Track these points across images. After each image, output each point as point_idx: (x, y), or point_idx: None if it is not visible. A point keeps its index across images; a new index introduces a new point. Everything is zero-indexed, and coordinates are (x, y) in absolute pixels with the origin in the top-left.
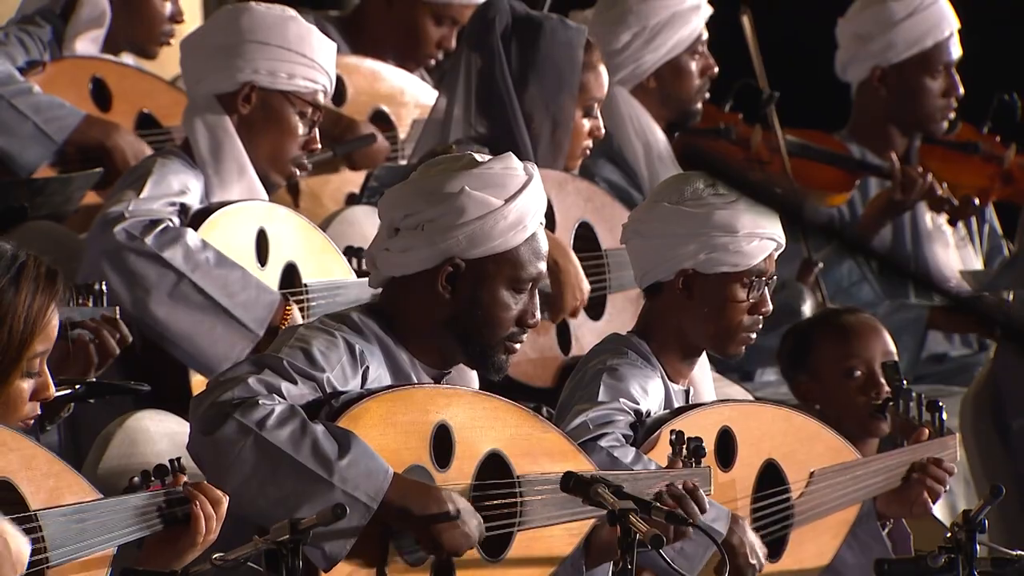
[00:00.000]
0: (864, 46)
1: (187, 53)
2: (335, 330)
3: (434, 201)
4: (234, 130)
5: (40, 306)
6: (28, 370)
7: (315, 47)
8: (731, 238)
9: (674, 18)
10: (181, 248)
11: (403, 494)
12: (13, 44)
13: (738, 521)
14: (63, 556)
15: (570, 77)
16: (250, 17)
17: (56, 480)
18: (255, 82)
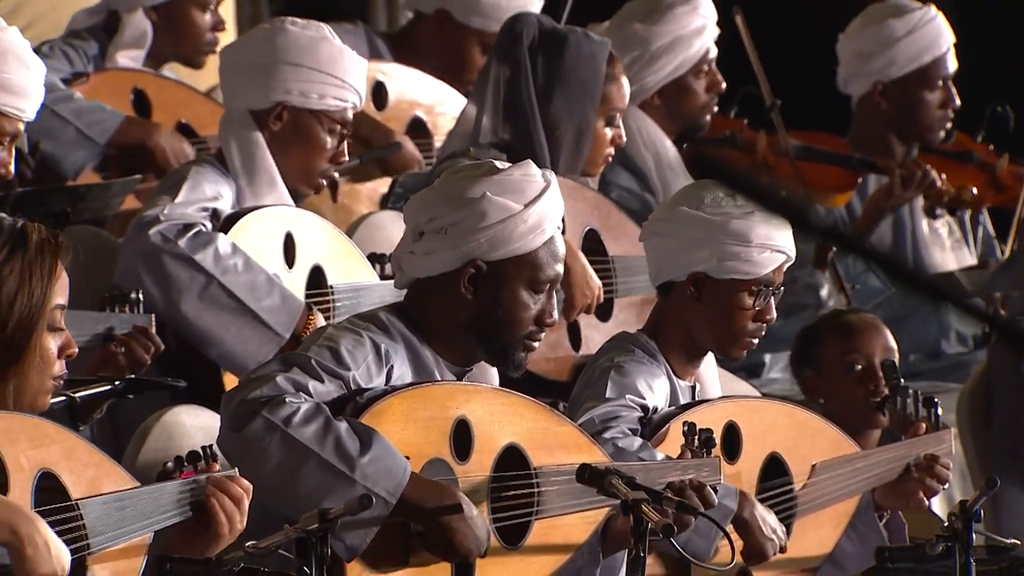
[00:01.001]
0: (866, 62)
1: (225, 66)
2: (363, 330)
3: (457, 206)
4: (265, 145)
5: (50, 262)
6: (51, 324)
7: (346, 67)
8: (744, 247)
9: (676, 42)
10: (212, 252)
11: (420, 492)
12: (58, 57)
13: (748, 497)
14: (102, 543)
15: (593, 88)
16: (285, 38)
17: (96, 470)
18: (287, 102)
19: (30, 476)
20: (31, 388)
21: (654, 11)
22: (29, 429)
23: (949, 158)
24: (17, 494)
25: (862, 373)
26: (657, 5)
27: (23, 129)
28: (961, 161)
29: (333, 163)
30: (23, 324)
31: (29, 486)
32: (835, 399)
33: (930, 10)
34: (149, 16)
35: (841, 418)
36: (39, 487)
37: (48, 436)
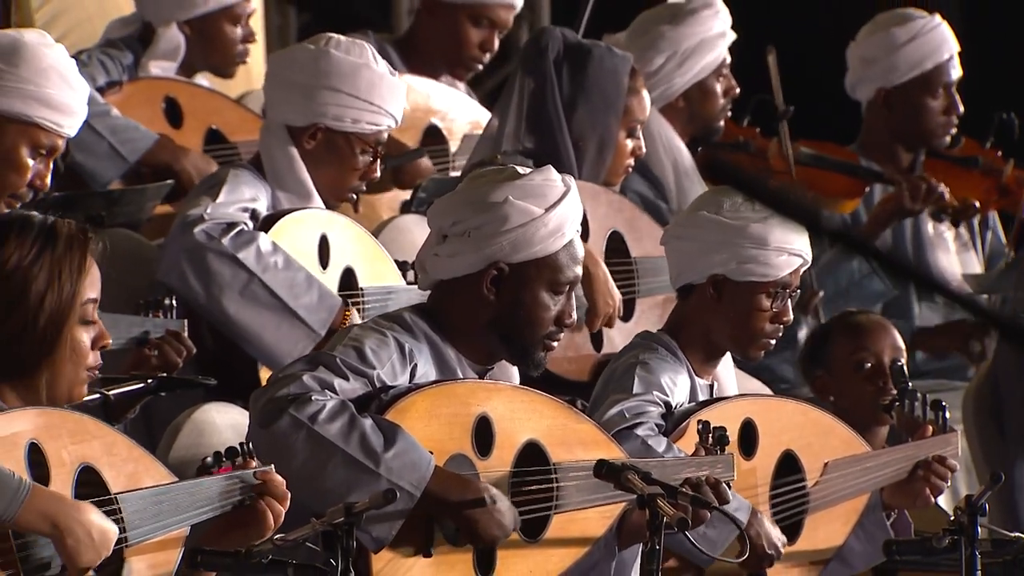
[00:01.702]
0: (870, 68)
1: (270, 76)
2: (387, 329)
3: (480, 210)
4: (300, 158)
5: (79, 259)
6: (83, 317)
7: (383, 93)
8: (762, 250)
9: (702, 44)
10: (254, 250)
11: (444, 484)
12: (95, 65)
13: (757, 514)
14: (141, 536)
15: (616, 101)
16: (328, 62)
17: (135, 465)
18: (322, 123)
19: (71, 470)
20: (65, 380)
21: (678, 14)
22: (70, 425)
23: (956, 163)
24: (58, 488)
25: (871, 372)
26: (680, 9)
27: (63, 145)
28: (967, 166)
29: (364, 180)
30: (54, 319)
31: (70, 480)
32: (845, 397)
33: (934, 19)
34: (182, 29)
35: (850, 415)
36: (79, 481)
37: (89, 431)
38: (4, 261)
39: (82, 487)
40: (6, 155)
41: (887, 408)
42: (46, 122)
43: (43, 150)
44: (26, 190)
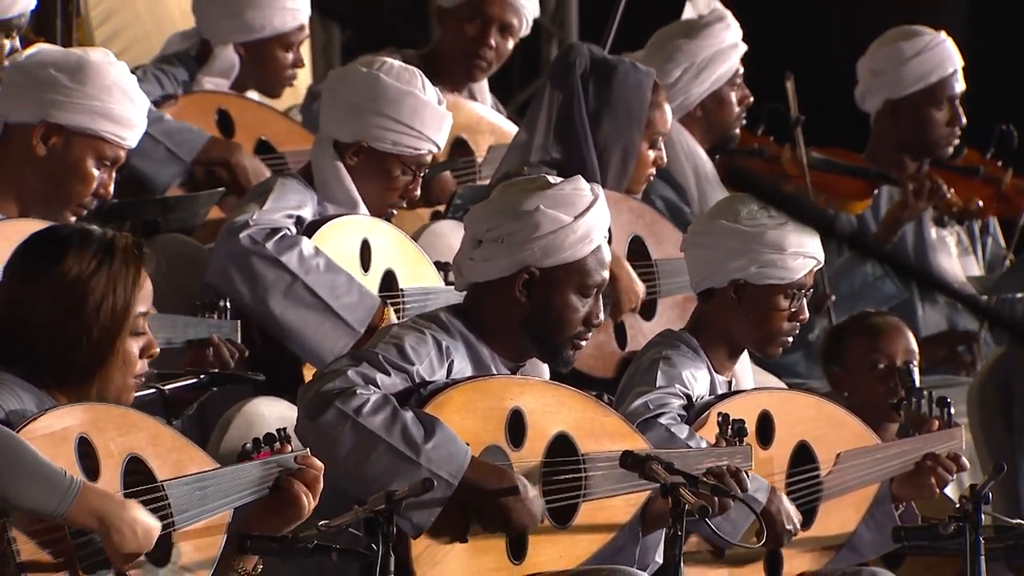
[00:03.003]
0: (878, 80)
1: (326, 91)
2: (425, 328)
3: (513, 217)
4: (346, 171)
5: (133, 274)
6: (134, 330)
7: (426, 120)
8: (779, 255)
9: (716, 55)
10: (297, 253)
11: (480, 474)
12: (150, 80)
13: (775, 492)
14: (186, 520)
15: (639, 114)
16: (377, 86)
17: (179, 454)
18: (365, 142)
19: (119, 461)
20: (114, 387)
21: (693, 29)
22: (116, 418)
23: (958, 172)
24: (107, 478)
25: (883, 372)
26: (695, 23)
27: (124, 156)
28: (969, 175)
29: (403, 199)
30: (108, 330)
31: (118, 470)
32: (858, 393)
33: (939, 35)
34: (238, 50)
35: (863, 411)
36: (127, 470)
37: (135, 424)
38: (64, 272)
39: (130, 476)
40: (73, 167)
41: (895, 406)
42: (110, 135)
43: (107, 161)
44: (91, 199)
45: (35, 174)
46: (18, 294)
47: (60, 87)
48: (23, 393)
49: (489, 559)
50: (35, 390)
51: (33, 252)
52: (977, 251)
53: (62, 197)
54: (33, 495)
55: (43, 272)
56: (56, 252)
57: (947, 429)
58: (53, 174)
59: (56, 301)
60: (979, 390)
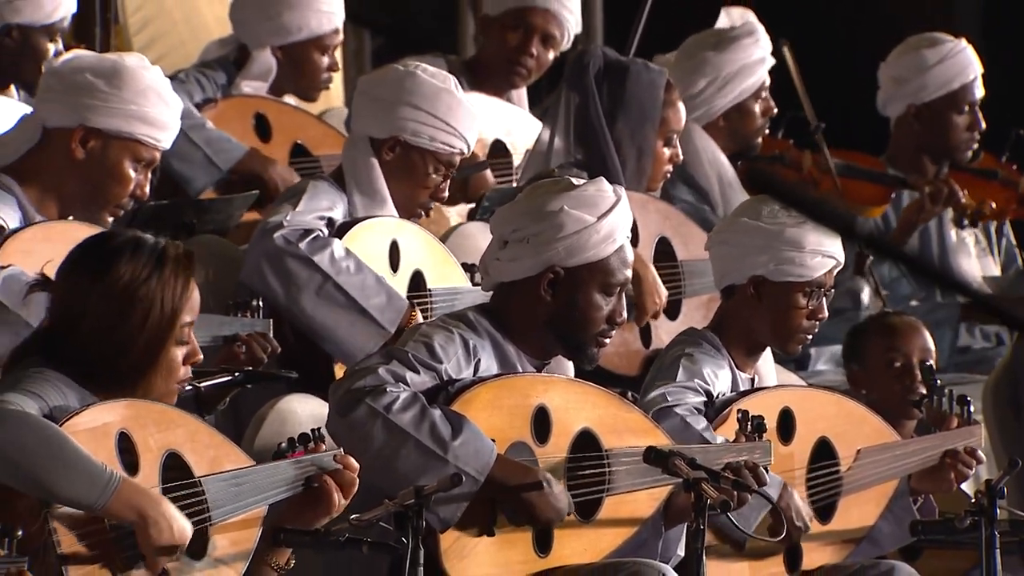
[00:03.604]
0: (901, 87)
1: (358, 94)
2: (453, 327)
3: (538, 218)
4: (379, 169)
5: (182, 283)
6: (179, 338)
7: (460, 118)
8: (797, 253)
9: (743, 69)
10: (329, 254)
11: (505, 470)
12: (192, 83)
13: (787, 488)
14: (223, 515)
15: (652, 112)
16: (412, 82)
17: (216, 451)
18: (401, 137)
19: (157, 456)
20: (156, 391)
21: (722, 41)
22: (156, 415)
23: (975, 175)
24: (146, 472)
25: (900, 370)
26: (724, 36)
27: (159, 158)
28: (986, 178)
29: (433, 199)
30: (154, 339)
31: (156, 465)
32: (875, 391)
33: (960, 42)
34: (275, 54)
35: (881, 409)
36: (166, 466)
37: (173, 421)
38: (116, 279)
39: (168, 471)
40: (111, 169)
41: (917, 403)
42: (147, 138)
43: (143, 163)
44: (128, 200)
45: (74, 177)
46: (69, 298)
47: (97, 92)
48: (68, 391)
49: (515, 552)
50: (80, 389)
51: (86, 257)
52: (995, 252)
53: (100, 198)
54: (74, 487)
55: (95, 278)
56: (108, 259)
57: (967, 427)
58: (91, 176)
59: (106, 307)
60: (993, 387)
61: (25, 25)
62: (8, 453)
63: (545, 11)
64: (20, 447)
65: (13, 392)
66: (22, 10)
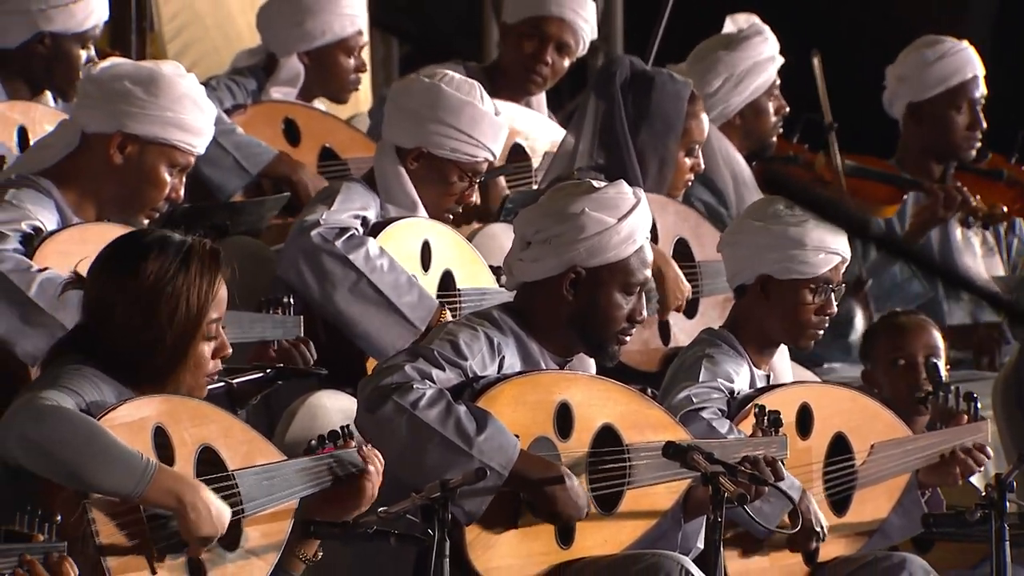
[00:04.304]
0: (902, 85)
1: (389, 101)
2: (478, 326)
3: (560, 220)
4: (407, 175)
5: (209, 280)
6: (208, 334)
7: (484, 130)
8: (800, 251)
9: (755, 67)
10: (364, 252)
11: (528, 465)
12: (222, 90)
13: (806, 494)
14: (255, 508)
15: (675, 124)
16: (438, 95)
17: (249, 446)
18: (424, 147)
19: (192, 450)
20: (186, 387)
21: (732, 41)
22: (191, 410)
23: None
24: (181, 466)
25: (904, 368)
26: (735, 36)
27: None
28: (992, 178)
29: (460, 204)
30: (182, 335)
31: (191, 459)
32: (885, 389)
33: (961, 43)
34: (302, 59)
35: (891, 406)
36: (200, 460)
37: (208, 416)
38: (145, 277)
39: (202, 465)
40: (147, 174)
41: (922, 400)
42: (182, 143)
43: (178, 168)
44: (163, 203)
45: (111, 181)
46: (100, 295)
47: (135, 99)
48: (103, 385)
49: (538, 544)
50: (115, 383)
51: (116, 255)
52: (1002, 252)
53: (137, 202)
54: (112, 477)
55: (124, 275)
56: (137, 256)
57: (974, 423)
58: (128, 181)
59: (135, 304)
60: (1003, 384)
61: (57, 33)
62: (47, 447)
63: (560, 20)
64: (58, 441)
65: (51, 389)
66: (54, 18)
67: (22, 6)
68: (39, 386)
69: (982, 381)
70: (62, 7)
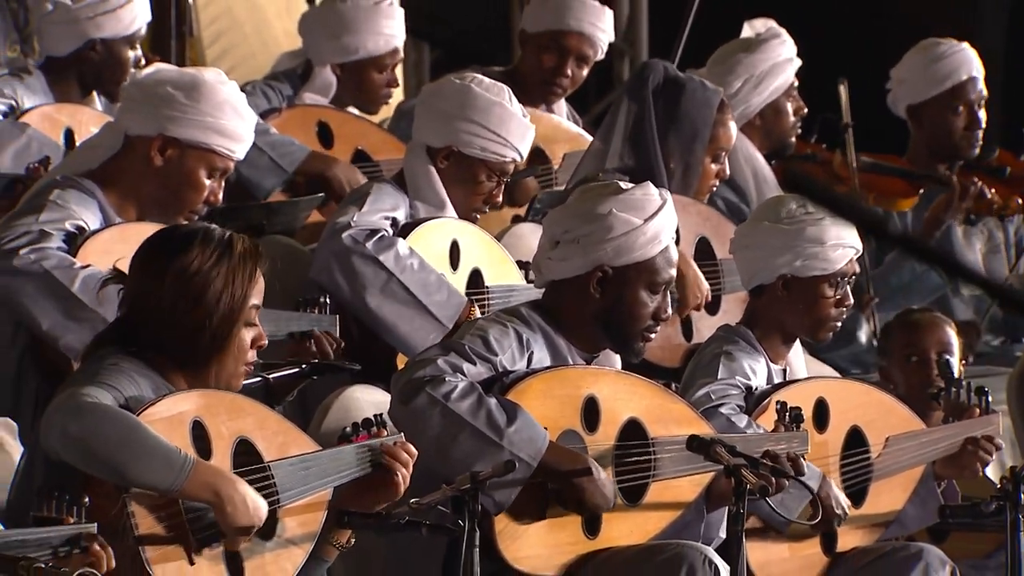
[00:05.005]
0: (902, 87)
1: (420, 103)
2: (508, 322)
3: (587, 220)
4: (437, 175)
5: (251, 267)
6: (248, 320)
7: (512, 130)
8: (820, 248)
9: (774, 68)
10: (394, 253)
11: (557, 457)
12: (258, 94)
13: (826, 479)
14: (290, 498)
15: (703, 131)
16: (468, 95)
17: (284, 437)
18: (454, 146)
19: (229, 443)
20: (227, 372)
21: (751, 44)
22: (227, 404)
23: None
24: (218, 458)
25: (916, 365)
26: (753, 40)
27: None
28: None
29: (487, 204)
30: (226, 319)
31: (228, 451)
32: (900, 385)
33: (961, 44)
34: (335, 71)
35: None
36: (236, 452)
37: (244, 409)
38: (188, 265)
39: (239, 456)
40: (187, 177)
41: (935, 396)
42: (221, 148)
43: (217, 172)
44: (202, 206)
45: (152, 183)
46: (144, 286)
47: (177, 104)
48: (141, 380)
49: (566, 534)
50: (154, 376)
51: (158, 247)
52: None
53: (176, 204)
54: (151, 472)
55: (167, 265)
56: (180, 247)
57: (986, 416)
58: (169, 183)
59: (179, 291)
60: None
61: (108, 39)
62: (88, 443)
63: (580, 34)
64: (98, 437)
65: (90, 385)
66: (103, 25)
67: (70, 15)
68: (79, 381)
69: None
70: (110, 13)
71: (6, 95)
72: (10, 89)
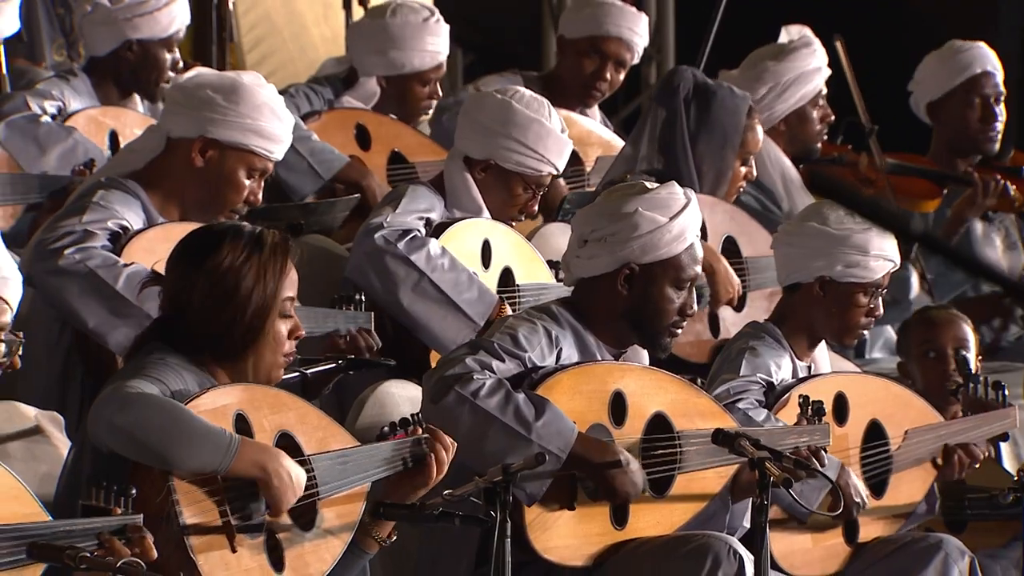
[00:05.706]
0: (920, 87)
1: (463, 112)
2: (537, 319)
3: (615, 219)
4: (474, 183)
5: (282, 261)
6: (283, 311)
7: (549, 146)
8: (863, 256)
9: (801, 77)
10: (425, 253)
11: (586, 449)
12: (300, 97)
13: (845, 468)
14: (330, 491)
15: (733, 136)
16: (508, 112)
17: (324, 432)
18: (493, 160)
19: (271, 436)
20: (266, 364)
21: (781, 52)
22: (270, 398)
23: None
24: None
25: (934, 361)
26: (783, 47)
27: (272, 168)
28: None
29: (522, 213)
30: (259, 312)
31: (270, 444)
32: (918, 380)
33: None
34: (379, 82)
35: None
36: (278, 445)
37: (285, 404)
38: (220, 262)
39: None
40: (228, 177)
41: (953, 392)
42: (261, 150)
43: (256, 172)
44: (242, 205)
45: (193, 183)
46: (179, 283)
47: (217, 106)
48: (185, 374)
49: (595, 525)
50: (196, 370)
51: (192, 245)
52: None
53: (217, 204)
54: (199, 454)
55: (201, 262)
56: (212, 244)
57: (1002, 409)
58: (209, 183)
59: (212, 287)
60: None
61: (145, 40)
62: (134, 432)
63: (619, 40)
64: (144, 426)
65: (135, 378)
66: (140, 26)
67: (109, 16)
68: (124, 376)
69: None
70: (147, 15)
71: (55, 97)
72: (58, 91)
